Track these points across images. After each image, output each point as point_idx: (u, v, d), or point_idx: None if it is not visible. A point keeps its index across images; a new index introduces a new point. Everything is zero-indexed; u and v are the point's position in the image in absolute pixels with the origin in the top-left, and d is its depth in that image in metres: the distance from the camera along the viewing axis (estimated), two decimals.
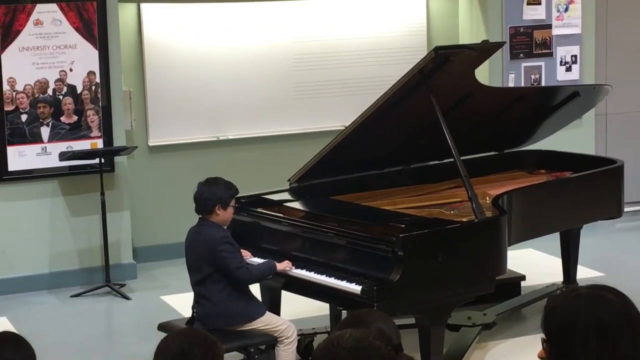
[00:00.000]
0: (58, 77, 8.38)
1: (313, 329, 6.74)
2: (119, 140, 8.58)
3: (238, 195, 6.24)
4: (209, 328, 5.64)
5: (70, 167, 8.47)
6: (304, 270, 6.04)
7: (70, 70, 8.41)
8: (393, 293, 5.57)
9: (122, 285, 8.48)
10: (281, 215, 6.46)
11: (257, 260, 6.22)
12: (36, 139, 8.37)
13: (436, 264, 5.74)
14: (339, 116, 9.29)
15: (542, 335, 2.70)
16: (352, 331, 2.54)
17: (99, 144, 8.52)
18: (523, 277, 7.75)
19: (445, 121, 6.24)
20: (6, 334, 3.16)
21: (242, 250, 6.16)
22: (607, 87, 7.62)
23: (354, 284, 5.70)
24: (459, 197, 6.71)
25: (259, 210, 6.54)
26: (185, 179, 8.46)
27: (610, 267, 8.50)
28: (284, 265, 6.07)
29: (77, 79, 8.43)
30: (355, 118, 6.53)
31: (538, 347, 2.78)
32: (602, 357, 2.54)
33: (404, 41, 9.69)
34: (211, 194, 5.98)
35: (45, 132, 8.39)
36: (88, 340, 7.42)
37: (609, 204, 7.30)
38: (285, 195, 6.79)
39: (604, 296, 2.60)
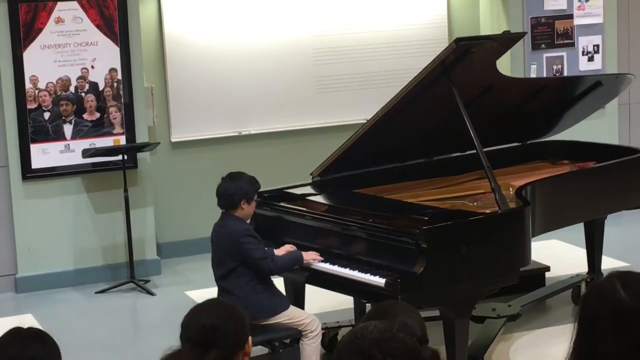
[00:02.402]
0: (80, 74, 8.41)
1: (337, 322, 6.75)
2: (141, 137, 8.60)
3: (261, 190, 6.25)
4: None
5: (94, 164, 8.50)
6: (328, 264, 6.03)
7: (92, 67, 8.43)
8: (417, 285, 5.57)
9: (147, 281, 8.51)
10: (304, 209, 6.46)
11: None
12: (59, 136, 8.41)
13: (460, 255, 5.73)
14: (360, 110, 9.28)
15: (567, 325, 2.70)
16: (377, 323, 2.53)
17: (122, 140, 8.55)
18: (548, 268, 7.73)
19: (468, 113, 6.22)
20: (31, 330, 3.18)
21: (288, 246, 6.16)
22: (630, 76, 7.57)
23: (377, 276, 5.69)
24: (482, 189, 6.69)
25: (281, 204, 6.54)
26: (208, 174, 8.47)
27: (636, 257, 8.45)
28: (311, 256, 6.05)
29: (98, 76, 8.46)
30: (377, 111, 6.52)
31: (563, 338, 2.77)
32: (621, 345, 2.53)
33: (424, 33, 9.67)
34: (237, 188, 5.99)
35: (68, 129, 8.43)
36: (113, 336, 7.45)
37: (633, 194, 7.26)
38: (308, 189, 6.79)
39: (629, 283, 2.60)
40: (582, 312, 2.63)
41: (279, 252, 6.11)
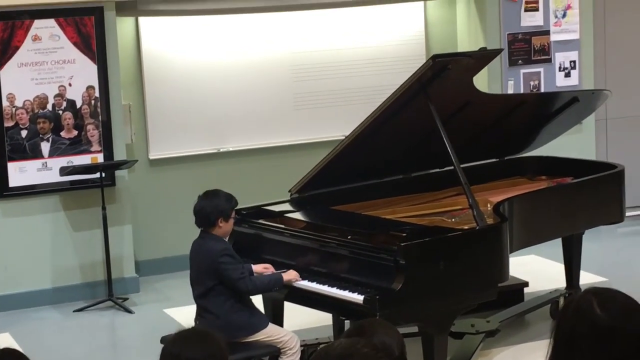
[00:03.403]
0: (57, 92, 8.39)
1: (316, 339, 6.74)
2: (119, 154, 8.58)
3: (239, 207, 6.25)
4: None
5: (71, 182, 8.47)
6: (306, 281, 6.03)
7: (70, 85, 8.42)
8: (395, 302, 5.57)
9: (125, 299, 8.48)
10: (282, 226, 6.46)
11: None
12: (36, 154, 8.38)
13: (438, 272, 5.73)
14: (339, 126, 9.28)
15: (545, 341, 2.71)
16: (343, 340, 2.57)
17: (100, 158, 8.52)
18: (526, 284, 7.75)
19: (445, 129, 6.24)
20: (7, 351, 3.15)
21: (263, 265, 6.16)
22: (606, 92, 7.62)
23: (356, 293, 5.69)
24: (460, 205, 6.71)
25: (260, 221, 6.54)
26: (187, 191, 8.44)
27: (614, 272, 8.49)
28: (291, 276, 6.05)
29: (76, 94, 8.44)
30: (355, 128, 6.53)
31: (542, 353, 2.78)
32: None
33: (402, 50, 9.70)
34: (213, 206, 5.97)
35: (45, 147, 8.40)
36: (91, 354, 7.42)
37: (610, 209, 7.29)
38: (287, 206, 6.79)
39: (605, 300, 2.61)
40: (559, 329, 2.64)
41: (256, 268, 6.10)
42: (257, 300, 6.33)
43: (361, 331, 3.03)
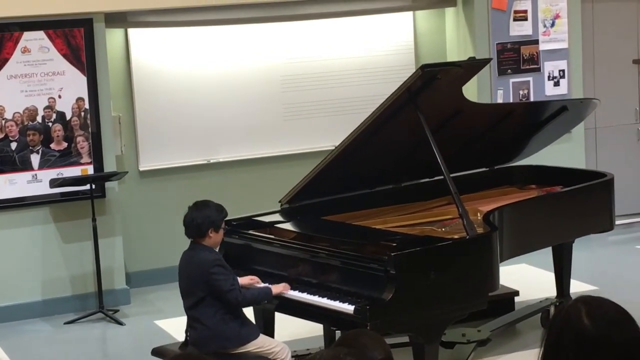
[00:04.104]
0: (47, 104, 8.38)
1: (307, 349, 6.73)
2: (109, 166, 8.57)
3: (230, 218, 6.24)
4: (202, 352, 5.63)
5: (62, 194, 8.46)
6: (297, 291, 6.03)
7: (59, 97, 8.41)
8: (386, 312, 5.57)
9: (116, 311, 8.46)
10: (273, 236, 6.45)
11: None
12: (26, 166, 8.37)
13: (428, 281, 5.73)
14: (329, 136, 9.29)
15: (537, 350, 2.71)
16: (324, 351, 2.56)
17: (90, 170, 8.51)
18: (517, 293, 7.75)
19: (435, 139, 6.25)
20: None
21: (250, 276, 6.16)
22: (595, 101, 7.64)
23: (346, 303, 5.69)
24: (450, 215, 6.71)
25: (250, 232, 6.53)
26: (177, 202, 8.44)
27: (604, 281, 8.50)
28: (279, 289, 6.05)
29: (66, 106, 8.44)
30: (345, 138, 6.53)
31: None
32: None
33: (392, 60, 9.72)
34: (204, 217, 5.97)
35: (35, 159, 8.39)
36: None
37: (600, 218, 7.31)
38: (277, 217, 6.79)
39: (593, 310, 2.61)
40: (548, 337, 2.64)
41: (242, 281, 6.09)
42: (248, 311, 6.32)
43: (348, 342, 3.04)
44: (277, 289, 6.04)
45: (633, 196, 10.17)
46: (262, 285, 6.14)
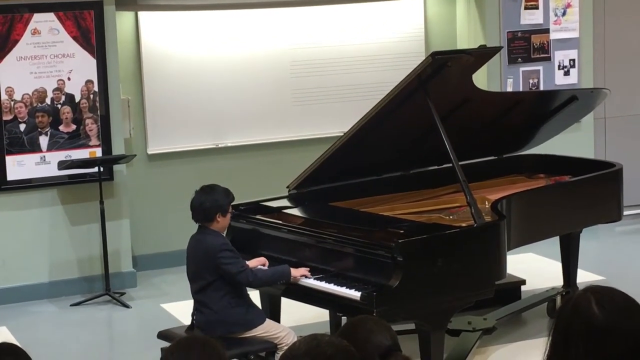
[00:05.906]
0: (56, 86, 8.38)
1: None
2: (117, 149, 8.58)
3: (237, 203, 6.24)
4: (208, 336, 5.63)
5: (69, 176, 8.47)
6: (303, 277, 6.03)
7: (69, 79, 8.41)
8: (392, 299, 5.57)
9: (122, 294, 8.48)
10: (280, 221, 6.45)
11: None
12: (35, 148, 8.37)
13: (435, 269, 5.73)
14: (338, 122, 9.28)
15: (542, 339, 2.71)
16: (303, 338, 2.66)
17: (98, 152, 8.52)
18: (523, 282, 7.74)
19: (444, 126, 6.24)
20: (4, 345, 3.15)
21: (258, 259, 6.14)
22: (605, 90, 7.62)
23: (353, 290, 5.69)
24: (458, 202, 6.71)
25: (258, 217, 6.53)
26: (185, 186, 8.42)
27: (611, 271, 8.49)
28: (301, 272, 6.02)
29: (75, 88, 8.44)
30: (353, 124, 6.53)
31: (539, 351, 2.78)
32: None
33: (401, 47, 9.70)
34: (211, 201, 5.97)
35: (44, 141, 8.39)
36: (88, 349, 7.42)
37: (608, 208, 7.30)
38: (284, 202, 6.79)
39: (603, 300, 2.61)
40: (557, 326, 2.64)
41: (251, 264, 6.09)
42: (255, 296, 6.33)
43: (353, 328, 3.06)
44: (297, 272, 6.00)
45: None
46: (279, 266, 6.12)
